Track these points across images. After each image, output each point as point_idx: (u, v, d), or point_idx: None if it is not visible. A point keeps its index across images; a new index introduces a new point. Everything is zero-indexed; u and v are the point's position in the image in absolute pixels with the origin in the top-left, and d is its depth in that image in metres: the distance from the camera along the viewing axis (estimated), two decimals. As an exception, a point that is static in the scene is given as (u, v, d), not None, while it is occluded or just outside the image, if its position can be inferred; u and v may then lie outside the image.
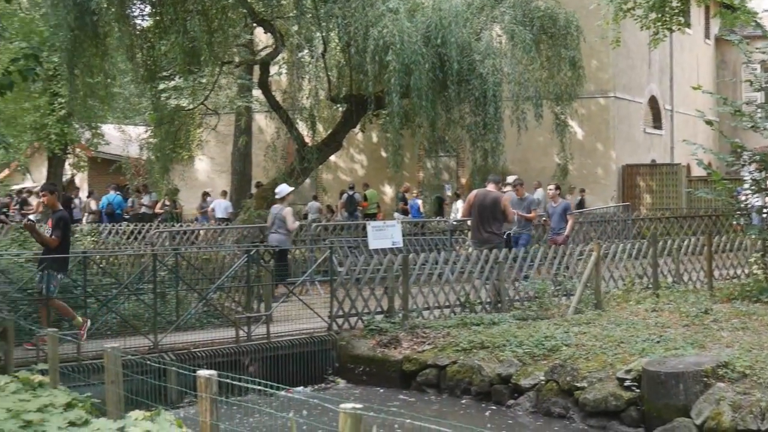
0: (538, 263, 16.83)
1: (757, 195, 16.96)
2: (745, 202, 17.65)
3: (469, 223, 18.56)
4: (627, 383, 10.90)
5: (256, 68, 25.93)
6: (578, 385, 11.29)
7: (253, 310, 14.74)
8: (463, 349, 13.17)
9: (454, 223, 24.76)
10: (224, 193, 32.96)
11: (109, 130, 36.65)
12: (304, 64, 22.22)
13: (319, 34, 21.05)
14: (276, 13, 22.59)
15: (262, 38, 27.80)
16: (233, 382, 6.62)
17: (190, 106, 26.03)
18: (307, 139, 22.89)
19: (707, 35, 43.03)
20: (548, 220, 19.56)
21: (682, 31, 30.54)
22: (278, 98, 23.85)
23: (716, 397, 9.98)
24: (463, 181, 33.02)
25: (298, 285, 16.49)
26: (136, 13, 23.68)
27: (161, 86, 24.48)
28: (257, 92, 27.52)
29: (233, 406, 10.81)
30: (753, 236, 16.84)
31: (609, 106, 33.13)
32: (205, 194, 34.17)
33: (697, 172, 33.31)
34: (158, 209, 32.60)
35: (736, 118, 16.62)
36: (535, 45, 21.66)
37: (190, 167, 36.78)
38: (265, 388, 6.62)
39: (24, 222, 14.69)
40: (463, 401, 12.57)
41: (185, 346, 13.32)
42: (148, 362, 9.60)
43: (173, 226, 27.64)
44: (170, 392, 11.70)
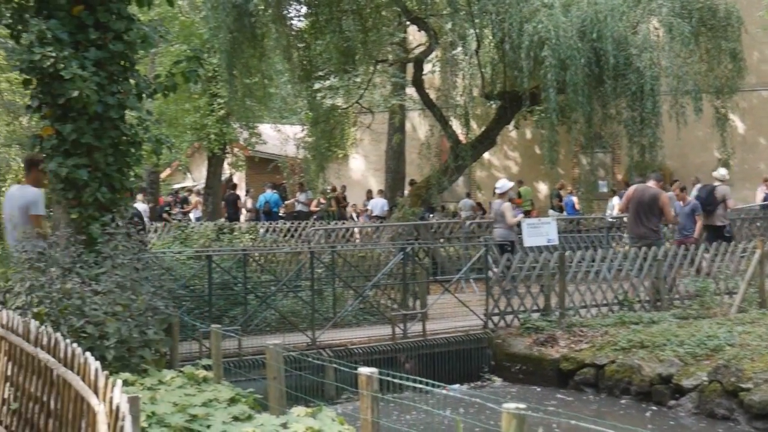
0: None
1: None
2: None
3: (626, 219, 18.20)
4: (796, 385, 10.53)
5: (410, 66, 25.94)
6: (743, 386, 10.94)
7: (409, 307, 14.78)
8: (622, 348, 12.92)
9: (611, 219, 24.31)
10: (380, 192, 33.20)
11: (265, 129, 37.32)
12: (458, 62, 22.12)
13: (472, 30, 20.91)
14: (430, 10, 22.58)
15: (416, 36, 27.82)
16: (390, 379, 6.62)
17: (345, 105, 26.24)
18: (461, 137, 22.79)
19: None
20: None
21: None
22: (432, 96, 23.81)
23: None
24: (619, 177, 32.39)
25: (453, 282, 16.45)
26: (292, 14, 24.03)
27: (317, 86, 24.74)
28: (411, 90, 27.55)
29: (390, 403, 10.86)
30: None
31: (771, 99, 32.03)
32: (369, 192, 34.54)
33: None
34: (314, 207, 33.08)
35: None
36: (694, 37, 21.03)
37: (345, 166, 37.15)
38: (422, 386, 6.60)
39: None
40: (623, 401, 12.34)
41: (342, 342, 13.44)
42: (310, 359, 9.71)
43: (329, 223, 27.96)
44: (328, 388, 11.84)
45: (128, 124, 10.62)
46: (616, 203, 25.19)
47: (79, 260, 9.29)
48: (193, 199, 36.86)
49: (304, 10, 24.07)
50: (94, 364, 5.53)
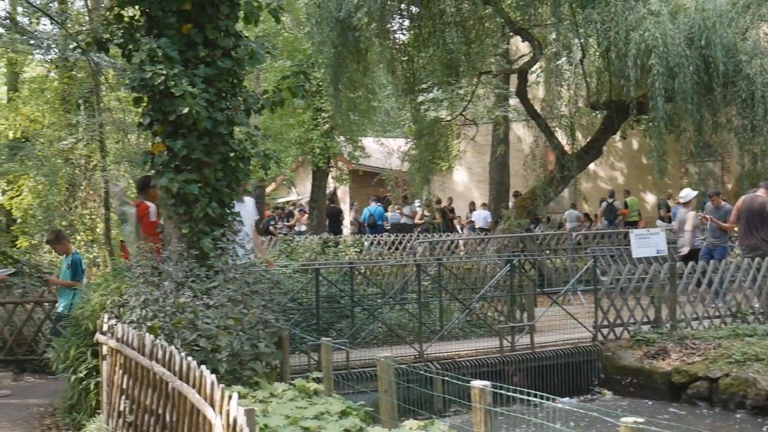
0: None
1: None
2: None
3: (737, 230, 17.79)
4: None
5: (514, 77, 25.83)
6: None
7: (517, 319, 14.67)
8: (736, 361, 12.62)
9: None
10: (483, 204, 33.10)
11: (368, 143, 37.53)
12: (562, 71, 21.93)
13: (577, 40, 20.71)
14: (533, 21, 22.43)
15: (520, 47, 27.70)
16: (503, 392, 6.56)
17: (449, 117, 26.23)
18: (567, 147, 22.58)
19: None
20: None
21: None
22: (536, 106, 23.66)
23: None
24: (729, 186, 31.71)
25: (561, 294, 16.27)
26: (395, 28, 24.07)
27: (420, 98, 24.78)
28: (515, 101, 27.43)
29: (499, 416, 10.77)
30: None
31: None
32: (472, 204, 34.48)
33: None
34: (417, 220, 33.11)
35: None
36: (806, 43, 20.52)
37: (449, 178, 37.09)
38: (532, 398, 6.53)
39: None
40: (738, 415, 12.04)
41: (450, 355, 13.40)
42: (421, 372, 9.69)
43: (433, 236, 27.94)
44: (436, 401, 11.80)
45: (237, 139, 10.75)
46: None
47: (191, 274, 9.42)
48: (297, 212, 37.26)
49: (407, 23, 24.10)
50: (209, 377, 5.59)
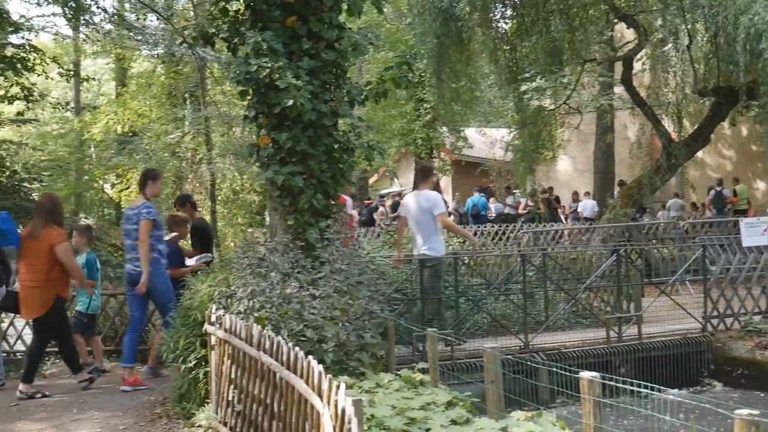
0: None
1: None
2: None
3: None
4: None
5: (618, 65, 25.46)
6: None
7: (623, 310, 14.47)
8: None
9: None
10: (587, 193, 32.76)
11: (471, 133, 37.41)
12: (669, 58, 21.53)
13: (684, 26, 20.31)
14: (639, 7, 22.11)
15: (625, 34, 27.31)
16: (612, 383, 6.47)
17: (552, 106, 25.99)
18: (673, 135, 22.19)
19: None
20: None
21: None
22: (642, 94, 23.29)
23: None
24: None
25: (669, 285, 15.99)
26: (497, 17, 23.92)
27: (523, 87, 24.57)
28: (619, 89, 27.04)
29: (606, 407, 10.64)
30: None
31: None
32: (576, 194, 34.17)
33: None
34: (521, 210, 32.91)
35: None
36: None
37: (553, 167, 36.77)
38: (641, 389, 6.43)
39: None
40: None
41: (555, 346, 13.28)
42: (528, 362, 9.62)
43: (537, 226, 27.73)
44: (542, 392, 11.70)
45: (341, 131, 10.80)
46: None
47: (297, 265, 9.50)
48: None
49: (509, 12, 23.93)
50: (317, 368, 5.62)
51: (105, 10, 24.17)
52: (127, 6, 30.35)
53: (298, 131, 10.21)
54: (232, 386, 7.99)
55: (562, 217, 33.43)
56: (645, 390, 6.44)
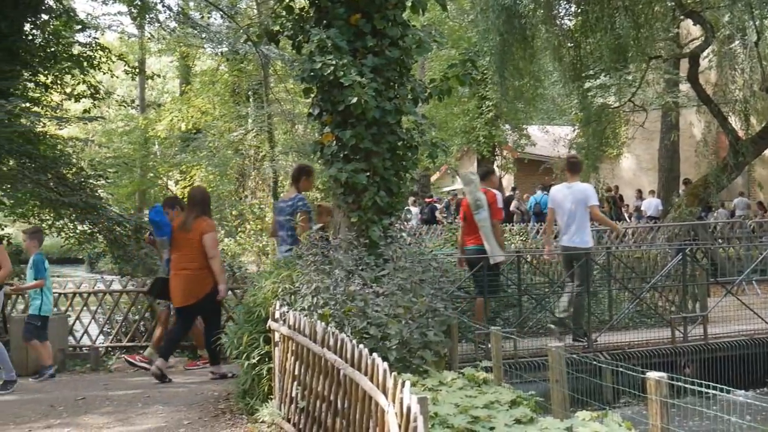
0: None
1: None
2: None
3: None
4: None
5: (684, 62, 25.18)
6: None
7: (689, 310, 14.30)
8: None
9: None
10: (651, 192, 32.44)
11: (533, 131, 37.25)
12: (736, 55, 21.26)
13: (751, 22, 20.05)
14: (705, 3, 21.84)
15: (691, 30, 26.98)
16: (680, 384, 6.40)
17: (617, 104, 25.76)
18: (740, 133, 21.89)
19: None
20: None
21: None
22: (708, 91, 23.00)
23: None
24: None
25: (735, 284, 15.76)
26: (562, 14, 23.80)
27: (587, 85, 24.40)
28: (685, 86, 26.74)
29: (671, 407, 10.52)
30: None
31: None
32: (639, 192, 33.86)
33: None
34: (585, 208, 32.66)
35: None
36: None
37: (617, 165, 36.46)
38: (708, 390, 6.34)
39: (145, 237, 14.72)
40: None
41: (619, 345, 13.14)
42: (594, 362, 9.55)
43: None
44: (605, 392, 11.60)
45: (404, 128, 10.79)
46: None
47: (361, 263, 9.51)
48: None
49: (573, 8, 23.79)
50: (382, 365, 5.62)
51: (170, 9, 24.45)
52: (191, 4, 30.64)
53: (362, 129, 10.22)
54: (295, 383, 8.01)
55: (626, 215, 33.13)
56: (712, 391, 6.35)
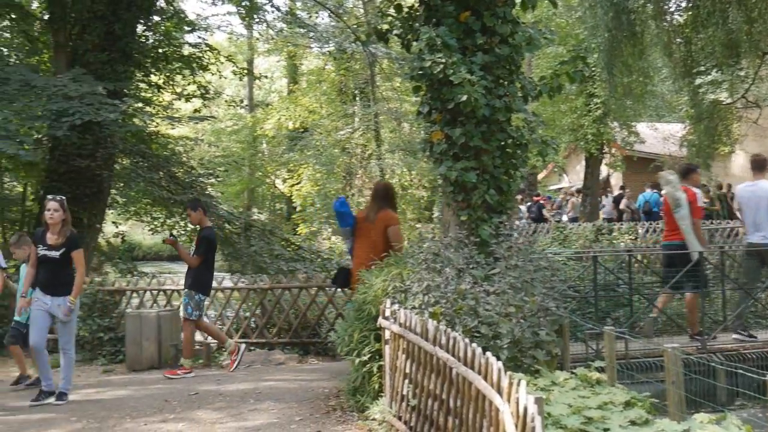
0: None
1: None
2: None
3: None
4: None
5: (800, 56, 24.55)
6: None
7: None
8: None
9: None
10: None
11: (642, 128, 36.71)
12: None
13: None
14: (823, -5, 21.26)
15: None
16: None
17: (729, 100, 25.25)
18: None
19: None
20: None
21: None
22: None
23: None
24: None
25: None
26: (672, 9, 23.41)
27: (698, 81, 23.98)
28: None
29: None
30: None
31: None
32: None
33: None
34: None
35: None
36: None
37: (729, 163, 35.71)
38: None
39: (165, 238, 14.35)
40: None
41: (734, 347, 12.87)
42: (711, 363, 9.37)
43: (711, 223, 26.98)
44: (719, 393, 11.37)
45: (514, 126, 10.73)
46: None
47: (471, 261, 9.48)
48: (571, 200, 36.87)
49: (684, 3, 23.37)
50: (496, 364, 5.59)
51: (278, 9, 24.71)
52: (298, 4, 30.92)
53: (472, 126, 10.20)
54: (406, 381, 8.02)
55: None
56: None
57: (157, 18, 22.72)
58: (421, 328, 7.56)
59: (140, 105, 21.70)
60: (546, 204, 36.71)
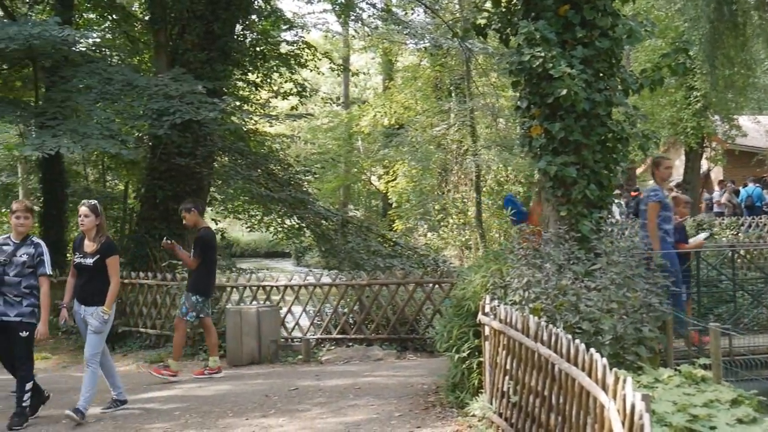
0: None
1: None
2: None
3: None
4: None
5: None
6: None
7: None
8: None
9: None
10: None
11: (744, 121, 35.94)
12: None
13: None
14: None
15: None
16: None
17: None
18: None
19: None
20: None
21: None
22: None
23: None
24: None
25: None
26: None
27: (803, 72, 23.42)
28: None
29: None
30: None
31: None
32: None
33: None
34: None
35: None
36: None
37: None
38: None
39: (163, 242, 13.90)
40: None
41: None
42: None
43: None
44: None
45: (615, 120, 10.59)
46: None
47: (572, 257, 9.39)
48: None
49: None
50: (601, 361, 5.53)
51: (374, 6, 24.78)
52: (394, 1, 30.95)
53: (572, 121, 10.10)
54: (506, 377, 7.98)
55: None
56: None
57: (254, 17, 22.98)
58: (522, 324, 7.51)
59: (238, 103, 21.97)
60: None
